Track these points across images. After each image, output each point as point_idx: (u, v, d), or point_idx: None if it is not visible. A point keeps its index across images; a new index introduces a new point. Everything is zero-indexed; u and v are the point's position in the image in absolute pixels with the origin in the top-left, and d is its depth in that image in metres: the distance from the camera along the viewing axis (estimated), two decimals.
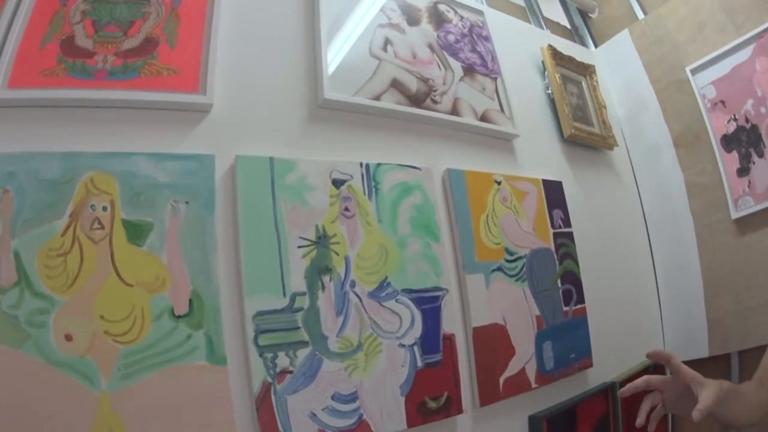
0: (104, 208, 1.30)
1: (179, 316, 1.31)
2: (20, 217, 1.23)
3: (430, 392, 1.61)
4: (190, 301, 1.33)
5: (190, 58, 1.52)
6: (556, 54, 2.56)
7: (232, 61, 1.60)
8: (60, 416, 1.16)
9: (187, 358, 1.29)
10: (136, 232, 1.32)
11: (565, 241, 2.15)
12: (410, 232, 1.70)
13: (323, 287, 1.50)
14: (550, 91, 2.45)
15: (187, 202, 1.37)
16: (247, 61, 1.64)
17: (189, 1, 1.59)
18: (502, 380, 1.79)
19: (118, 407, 1.20)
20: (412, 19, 2.08)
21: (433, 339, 1.66)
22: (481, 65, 2.18)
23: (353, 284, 1.55)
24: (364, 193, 1.65)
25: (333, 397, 1.45)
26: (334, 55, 1.79)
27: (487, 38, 2.30)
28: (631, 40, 2.91)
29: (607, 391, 2.18)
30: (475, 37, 2.25)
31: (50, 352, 1.16)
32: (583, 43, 3.11)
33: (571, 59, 2.65)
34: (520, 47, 2.49)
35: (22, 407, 1.14)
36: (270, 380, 1.36)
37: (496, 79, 2.20)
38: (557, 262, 2.10)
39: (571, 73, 2.64)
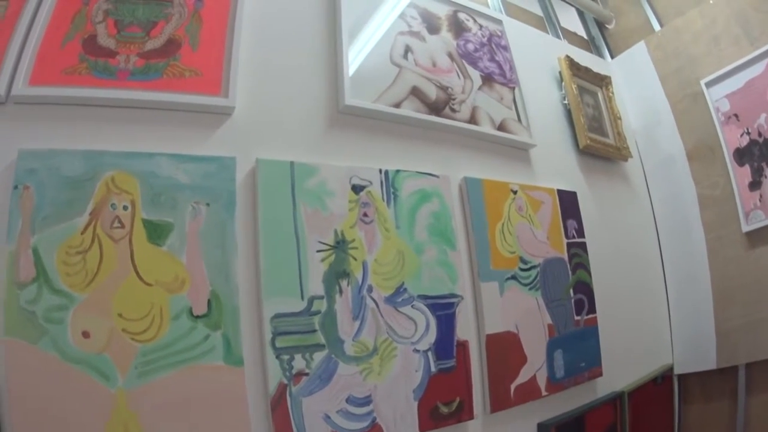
0: (125, 208, 1.30)
1: (198, 317, 1.30)
2: (40, 214, 1.23)
3: (442, 397, 1.60)
4: (209, 301, 1.33)
5: (212, 60, 1.52)
6: (573, 65, 2.55)
7: (254, 64, 1.60)
8: (75, 412, 1.16)
9: (204, 358, 1.28)
10: (157, 232, 1.32)
11: (578, 251, 2.14)
12: (427, 239, 1.69)
13: (341, 291, 1.50)
14: (566, 102, 2.44)
15: (207, 204, 1.38)
16: (268, 65, 1.64)
17: (211, 4, 1.60)
18: (513, 387, 1.78)
19: (133, 405, 1.21)
20: (433, 27, 2.08)
21: (447, 345, 1.65)
22: (499, 74, 2.17)
23: (370, 289, 1.55)
24: (383, 200, 1.65)
25: (347, 400, 1.45)
26: (355, 60, 1.79)
27: (505, 47, 2.29)
28: (647, 51, 2.89)
29: (616, 400, 2.17)
30: (494, 46, 2.24)
31: (67, 348, 1.17)
32: (600, 54, 3.09)
33: (587, 70, 2.63)
34: (537, 57, 2.48)
35: (37, 402, 1.14)
36: (286, 382, 1.36)
37: (514, 88, 2.20)
38: (570, 272, 2.09)
39: (588, 84, 2.63)
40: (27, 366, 1.15)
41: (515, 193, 1.97)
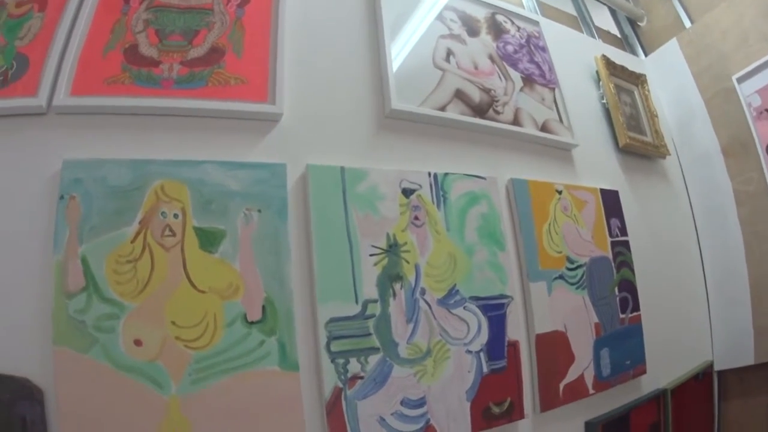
0: (175, 216, 1.28)
1: (252, 323, 1.28)
2: (87, 224, 1.22)
3: (494, 398, 1.55)
4: (263, 307, 1.30)
5: (257, 67, 1.50)
6: (609, 64, 2.47)
7: (299, 70, 1.57)
8: (127, 419, 1.15)
9: (259, 364, 1.26)
10: (209, 240, 1.29)
11: (622, 249, 2.06)
12: (477, 241, 1.64)
13: (394, 294, 1.46)
14: (605, 101, 2.36)
15: (259, 210, 1.35)
16: (313, 71, 1.61)
17: (253, 12, 1.58)
18: (561, 386, 1.73)
19: (187, 411, 1.18)
20: (472, 30, 2.03)
21: (498, 345, 1.60)
22: (539, 75, 2.11)
23: (423, 292, 1.50)
24: (433, 202, 1.60)
25: (402, 402, 1.41)
26: (398, 65, 1.74)
27: (543, 48, 2.23)
28: (679, 48, 2.80)
29: (659, 398, 2.10)
30: (532, 47, 2.18)
31: (119, 357, 1.15)
32: (633, 52, 3.00)
33: (623, 69, 2.56)
34: (574, 57, 2.40)
35: (88, 411, 1.12)
36: (341, 386, 1.33)
37: (554, 89, 2.13)
38: (614, 270, 2.02)
39: (624, 83, 2.55)
40: (77, 375, 1.13)
41: (560, 193, 1.91)
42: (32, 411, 1.11)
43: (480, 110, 1.83)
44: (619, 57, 2.66)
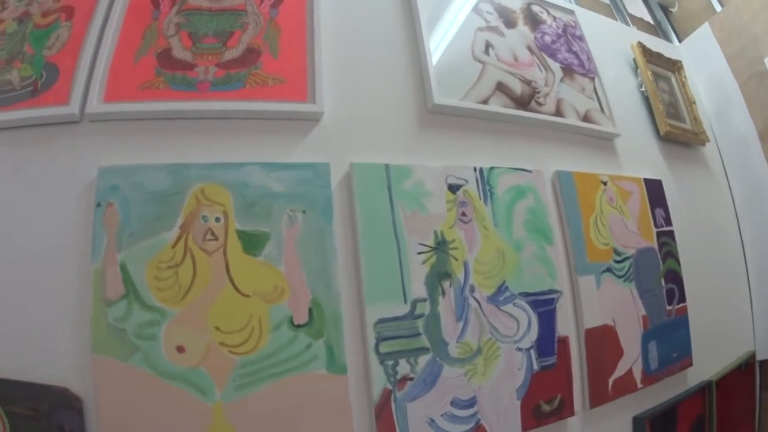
0: (217, 219, 1.20)
1: (299, 326, 1.19)
2: (126, 230, 1.15)
3: (544, 395, 1.43)
4: (310, 310, 1.21)
5: (295, 66, 1.41)
6: (645, 51, 2.31)
7: (338, 68, 1.47)
8: (170, 428, 1.09)
9: (306, 368, 1.17)
10: (252, 243, 1.21)
11: (667, 240, 1.91)
12: (525, 235, 1.51)
13: (443, 293, 1.34)
14: (643, 89, 2.19)
15: (304, 211, 1.26)
16: (352, 68, 1.51)
17: (287, 11, 1.49)
18: (611, 381, 1.59)
19: (232, 418, 1.11)
20: (509, 22, 1.89)
21: (548, 342, 1.48)
22: (578, 65, 1.96)
23: (472, 289, 1.39)
24: (480, 198, 1.48)
25: (452, 403, 1.30)
26: (438, 59, 1.62)
27: (581, 38, 2.08)
28: (711, 33, 2.61)
29: (705, 390, 1.94)
30: (569, 37, 2.03)
31: (161, 364, 1.09)
32: (667, 39, 2.82)
33: (659, 56, 2.39)
34: (610, 45, 2.25)
35: (130, 419, 1.07)
36: (390, 387, 1.23)
37: (593, 78, 1.98)
38: (660, 261, 1.86)
39: (661, 70, 2.38)
40: (117, 383, 1.07)
41: (605, 184, 1.76)
42: (71, 420, 1.06)
43: (522, 102, 1.70)
44: (655, 44, 2.48)
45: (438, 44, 1.67)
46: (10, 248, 1.17)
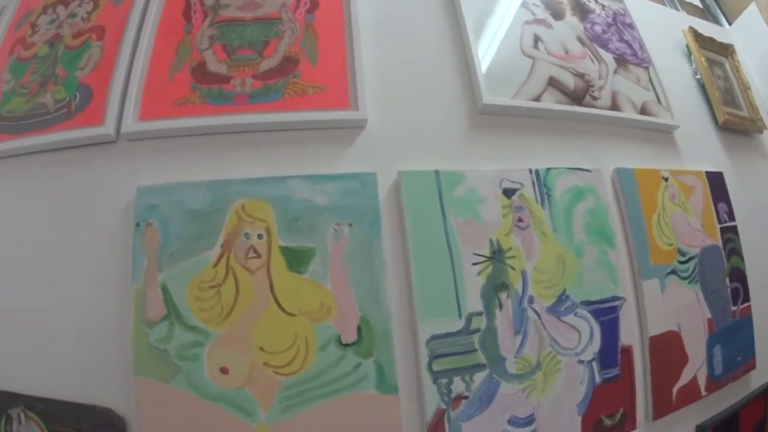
0: (259, 236, 1.08)
1: (347, 345, 1.05)
2: (167, 250, 1.06)
3: (606, 409, 1.24)
4: (359, 328, 1.07)
5: (335, 73, 1.27)
6: (698, 36, 2.05)
7: (380, 72, 1.32)
8: None
9: (354, 388, 1.04)
10: (297, 259, 1.08)
11: (731, 236, 1.67)
12: (586, 239, 1.31)
13: (500, 305, 1.17)
14: (699, 77, 1.93)
15: (350, 224, 1.11)
16: (395, 72, 1.35)
17: (323, 16, 1.36)
18: (675, 391, 1.37)
19: None
20: (557, 13, 1.67)
21: (611, 352, 1.27)
22: (631, 55, 1.72)
23: (531, 300, 1.20)
24: (537, 201, 1.28)
25: (509, 421, 1.13)
26: (485, 56, 1.43)
27: (631, 26, 1.84)
28: (758, 13, 2.31)
29: (766, 392, 1.68)
30: (620, 25, 1.80)
31: (204, 386, 1.00)
32: (717, 22, 2.51)
33: (711, 40, 2.12)
34: (661, 32, 1.99)
35: None
36: (444, 407, 1.08)
37: (648, 68, 1.74)
38: (725, 259, 1.62)
39: (714, 55, 2.11)
40: (160, 405, 0.99)
41: (666, 180, 1.53)
42: None
43: (576, 97, 1.48)
44: (705, 28, 2.21)
45: (485, 41, 1.48)
46: (52, 271, 1.11)
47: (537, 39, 1.55)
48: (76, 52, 1.32)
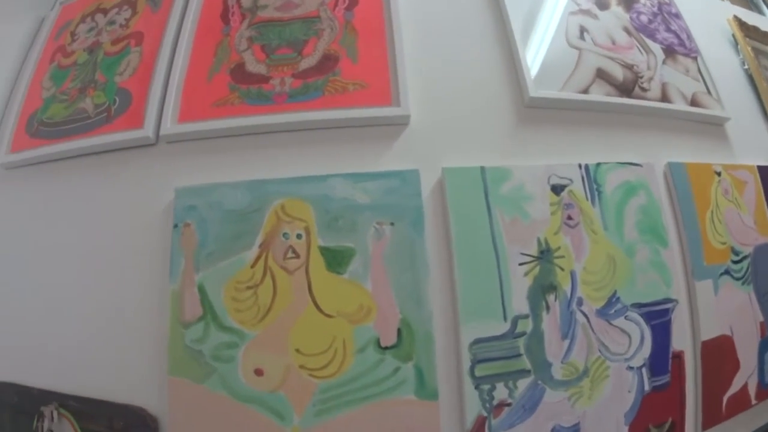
0: (298, 236, 1.00)
1: (386, 348, 0.96)
2: (204, 250, 1.01)
3: (654, 419, 1.10)
4: (399, 330, 0.97)
5: (376, 69, 1.17)
6: (742, 25, 1.87)
7: (422, 67, 1.21)
8: None
9: (392, 393, 0.95)
10: (336, 260, 0.99)
11: None
12: (638, 238, 1.16)
13: (548, 308, 1.04)
14: (747, 67, 1.74)
15: (392, 223, 1.01)
16: (438, 66, 1.23)
17: (363, 13, 1.27)
18: (725, 399, 1.22)
19: None
20: (602, 3, 1.51)
21: (662, 358, 1.13)
22: (679, 45, 1.56)
23: (580, 302, 1.07)
24: (587, 198, 1.15)
25: (553, 430, 1.01)
26: (530, 48, 1.30)
27: (677, 15, 1.67)
28: None
29: None
30: (666, 15, 1.63)
31: (238, 387, 0.94)
32: (759, 11, 2.30)
33: (756, 29, 1.93)
34: (706, 21, 1.81)
35: None
36: (485, 414, 0.97)
37: (696, 58, 1.57)
38: None
39: (759, 44, 1.92)
40: (193, 405, 0.94)
41: (719, 174, 1.37)
42: None
43: (625, 89, 1.33)
44: (749, 17, 2.02)
45: (529, 32, 1.34)
46: (91, 271, 1.09)
47: (583, 30, 1.40)
48: (115, 58, 1.29)
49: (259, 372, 0.95)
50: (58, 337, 1.06)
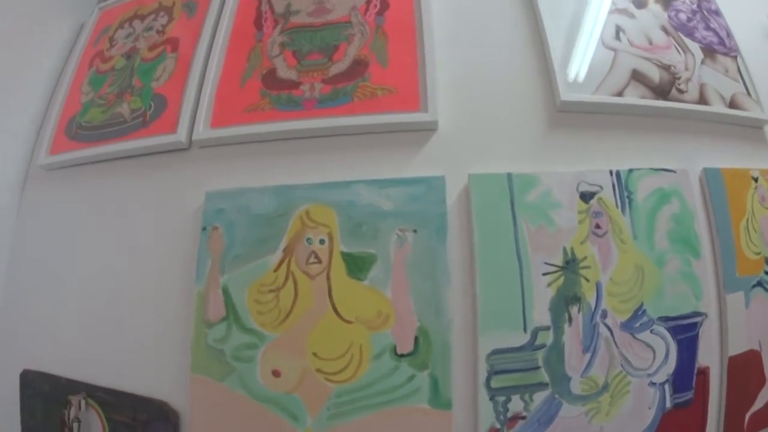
0: (321, 241, 0.98)
1: (402, 355, 0.90)
2: (230, 253, 0.99)
3: None
4: (416, 338, 0.91)
5: (405, 75, 1.11)
6: None
7: (452, 73, 1.14)
8: None
9: (406, 401, 0.91)
10: (357, 266, 0.96)
11: None
12: (669, 248, 1.05)
13: (570, 320, 0.96)
14: None
15: (415, 231, 0.96)
16: (468, 72, 1.16)
17: (394, 17, 1.21)
18: (747, 416, 1.10)
19: None
20: (639, 1, 1.38)
21: (686, 374, 1.02)
22: (719, 43, 1.41)
23: (604, 314, 0.98)
24: (617, 206, 1.04)
25: None
26: (563, 50, 1.19)
27: (717, 12, 1.51)
28: None
29: None
30: (705, 12, 1.48)
31: (255, 387, 0.93)
32: None
33: None
34: (745, 18, 1.62)
35: None
36: (498, 426, 0.90)
37: (735, 57, 1.42)
38: None
39: None
40: (213, 402, 0.94)
41: (756, 180, 1.23)
42: None
43: (662, 91, 1.21)
44: None
45: (561, 33, 1.23)
46: (122, 270, 1.09)
47: (619, 30, 1.28)
48: (152, 64, 1.28)
49: (276, 373, 0.93)
50: (89, 331, 1.07)
